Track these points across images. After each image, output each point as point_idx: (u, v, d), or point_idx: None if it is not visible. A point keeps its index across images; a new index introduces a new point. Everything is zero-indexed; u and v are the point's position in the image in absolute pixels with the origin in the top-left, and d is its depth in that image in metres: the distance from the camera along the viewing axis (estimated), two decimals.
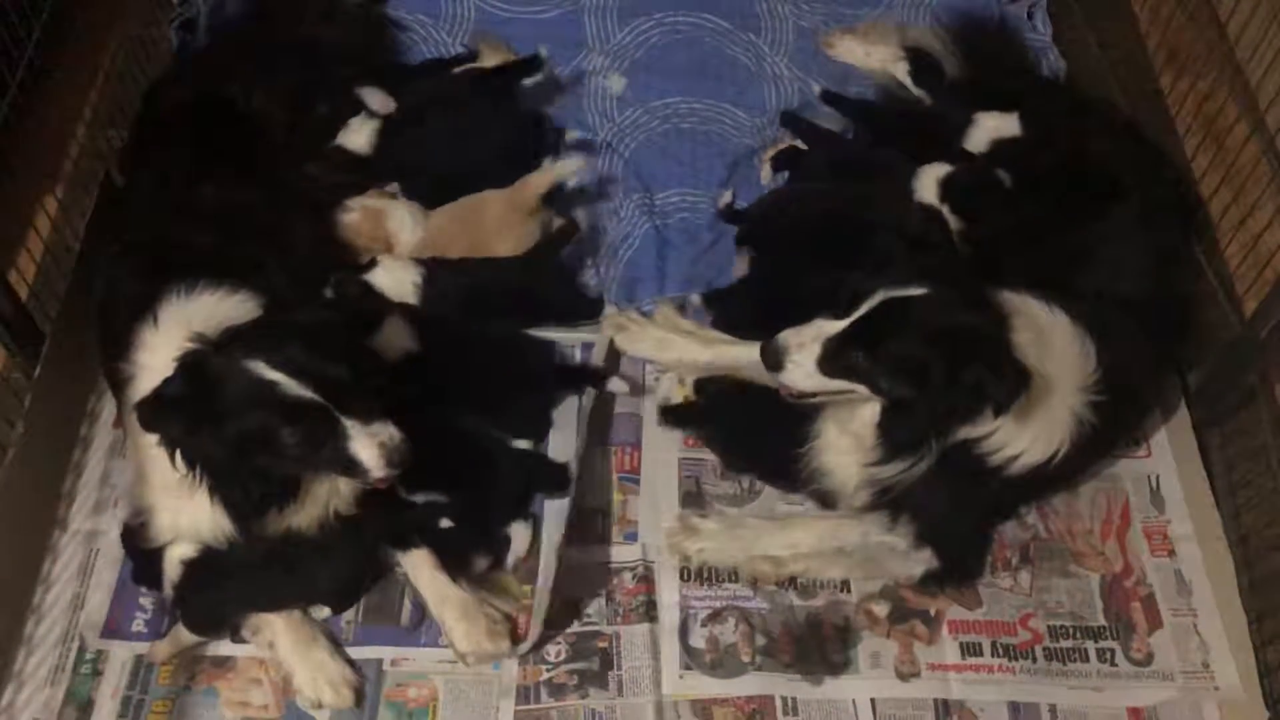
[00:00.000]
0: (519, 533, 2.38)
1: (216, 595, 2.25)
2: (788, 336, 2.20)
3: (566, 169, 2.84)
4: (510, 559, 2.38)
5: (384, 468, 2.04)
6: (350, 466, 2.05)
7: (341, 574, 2.31)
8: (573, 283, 2.79)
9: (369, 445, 2.02)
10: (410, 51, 3.27)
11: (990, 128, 2.82)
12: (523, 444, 2.54)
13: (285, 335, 2.02)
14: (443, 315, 2.59)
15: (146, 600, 2.36)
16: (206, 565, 2.22)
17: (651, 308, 2.78)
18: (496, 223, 2.73)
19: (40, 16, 2.70)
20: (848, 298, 2.18)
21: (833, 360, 2.16)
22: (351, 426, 2.01)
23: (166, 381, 2.00)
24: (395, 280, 2.59)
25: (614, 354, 2.71)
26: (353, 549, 2.29)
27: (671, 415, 2.62)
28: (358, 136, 2.85)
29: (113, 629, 2.33)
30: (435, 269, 2.63)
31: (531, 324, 2.72)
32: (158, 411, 1.98)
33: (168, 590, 2.26)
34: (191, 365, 2.00)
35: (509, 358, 2.62)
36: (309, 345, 2.00)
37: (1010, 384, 2.09)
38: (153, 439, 2.02)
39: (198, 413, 1.97)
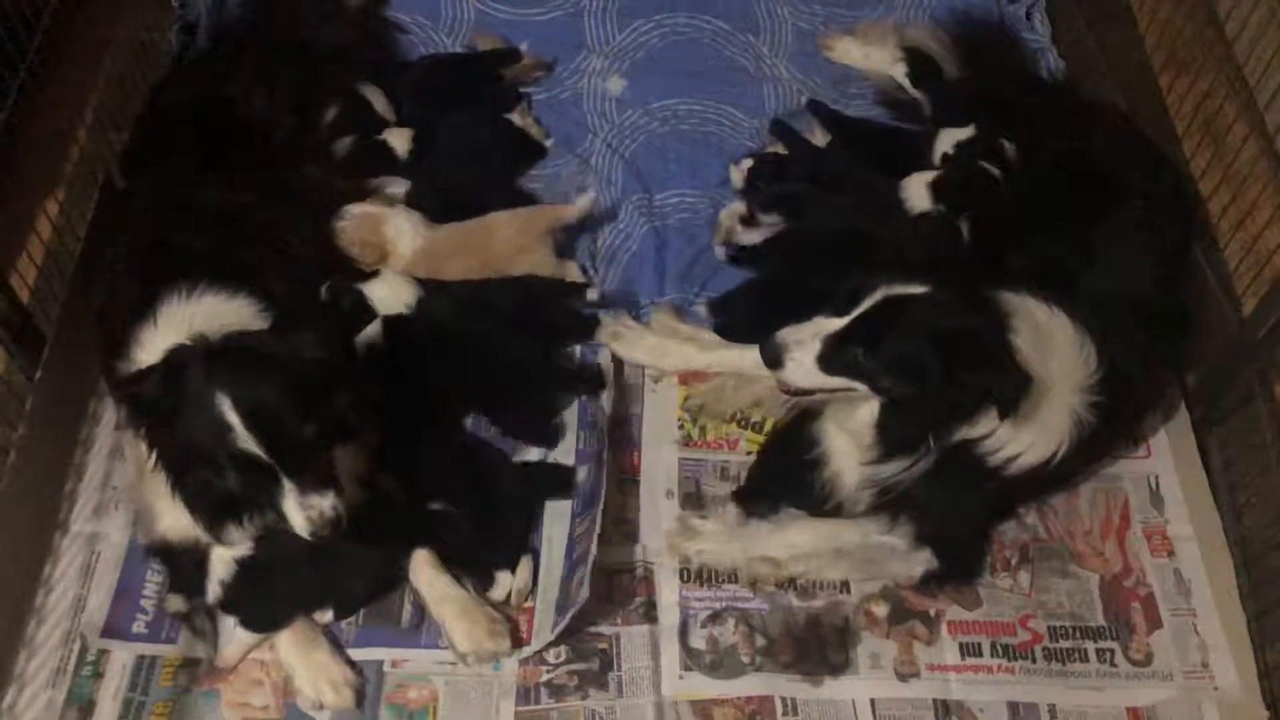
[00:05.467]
0: (521, 567, 2.37)
1: (268, 592, 2.25)
2: (787, 334, 2.21)
3: (585, 206, 2.82)
4: (513, 594, 2.35)
5: (310, 534, 2.03)
6: (281, 518, 2.04)
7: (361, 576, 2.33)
8: (567, 304, 2.75)
9: (299, 512, 2.00)
10: (411, 54, 3.28)
11: (949, 136, 2.84)
12: (533, 453, 2.54)
13: (266, 373, 1.97)
14: (442, 327, 2.59)
15: (147, 602, 2.36)
16: (257, 563, 2.22)
17: (648, 312, 2.78)
18: (506, 246, 2.73)
19: (42, 20, 2.70)
20: (848, 295, 2.19)
21: (832, 357, 2.17)
22: (291, 490, 1.99)
23: (150, 370, 2.01)
24: (392, 294, 2.59)
25: (616, 359, 2.70)
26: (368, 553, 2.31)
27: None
28: (403, 142, 2.89)
29: (113, 630, 2.33)
30: (432, 291, 2.62)
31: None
32: (132, 397, 2.01)
33: (214, 592, 2.24)
34: (174, 365, 2.00)
35: (512, 364, 2.60)
36: (287, 391, 1.96)
37: (1013, 386, 2.09)
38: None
39: (165, 413, 1.98)
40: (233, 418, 1.93)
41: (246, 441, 1.94)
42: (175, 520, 2.18)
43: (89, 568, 2.41)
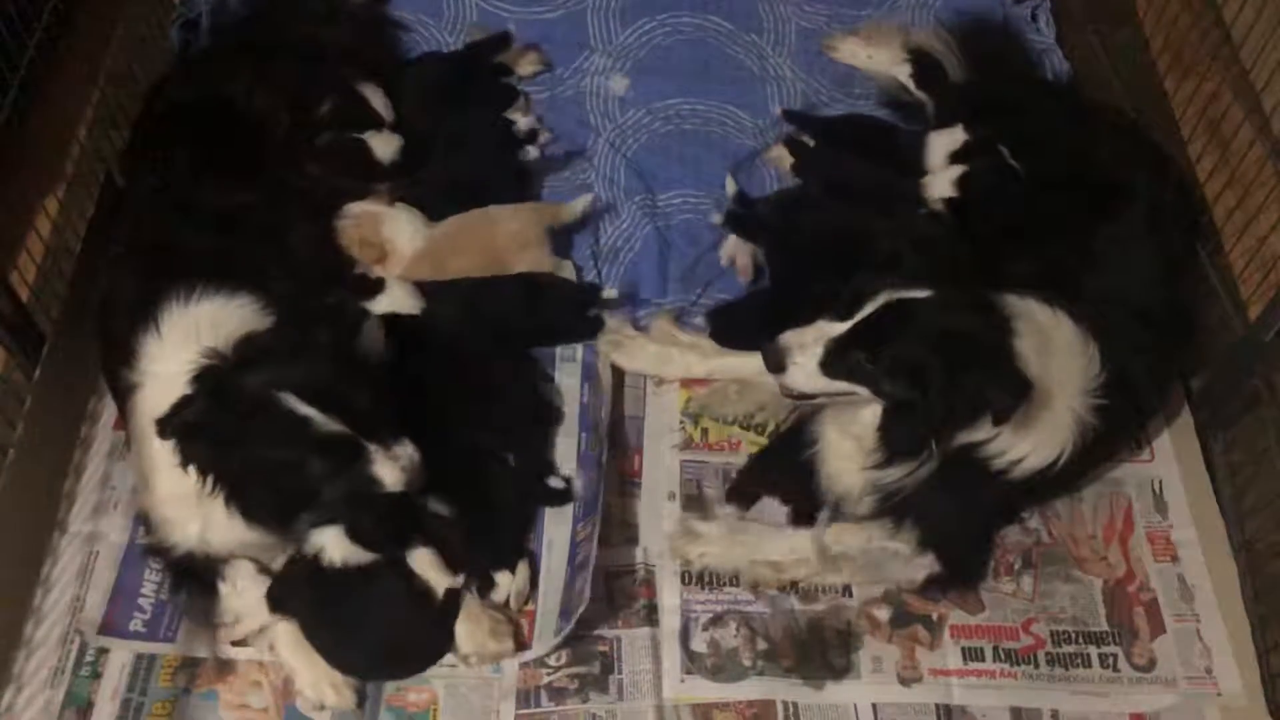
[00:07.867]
0: (520, 569, 2.36)
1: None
2: (790, 338, 2.20)
3: (583, 208, 2.83)
4: (513, 596, 2.35)
5: (401, 484, 2.08)
6: (369, 482, 2.08)
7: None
8: (572, 304, 2.74)
9: (391, 467, 2.07)
10: (412, 52, 3.27)
11: (943, 143, 2.83)
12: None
13: (311, 362, 2.04)
14: (442, 335, 2.58)
15: (145, 600, 2.35)
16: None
17: (647, 319, 2.76)
18: (508, 240, 2.71)
19: (42, 17, 2.69)
20: (850, 299, 2.18)
21: (835, 362, 2.16)
22: (375, 451, 2.05)
23: (188, 401, 2.00)
24: (395, 307, 2.56)
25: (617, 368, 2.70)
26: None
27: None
28: (386, 146, 2.85)
29: (110, 628, 2.32)
30: (435, 297, 2.61)
31: (530, 344, 2.70)
32: (182, 433, 2.00)
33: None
34: (212, 387, 2.01)
35: (509, 377, 2.60)
36: (334, 370, 2.03)
37: (1011, 393, 2.08)
38: (159, 448, 2.03)
39: (223, 436, 1.99)
40: (306, 409, 1.98)
41: (327, 424, 1.99)
42: (192, 529, 2.17)
43: (87, 567, 2.40)
